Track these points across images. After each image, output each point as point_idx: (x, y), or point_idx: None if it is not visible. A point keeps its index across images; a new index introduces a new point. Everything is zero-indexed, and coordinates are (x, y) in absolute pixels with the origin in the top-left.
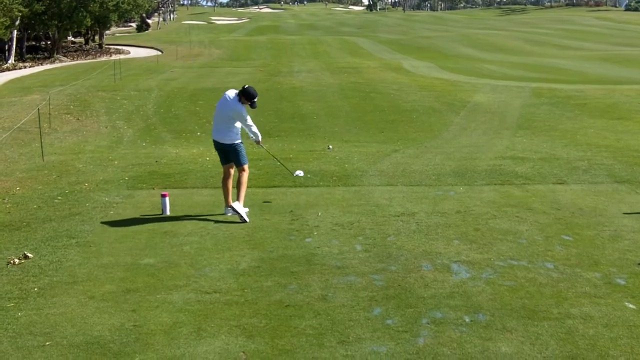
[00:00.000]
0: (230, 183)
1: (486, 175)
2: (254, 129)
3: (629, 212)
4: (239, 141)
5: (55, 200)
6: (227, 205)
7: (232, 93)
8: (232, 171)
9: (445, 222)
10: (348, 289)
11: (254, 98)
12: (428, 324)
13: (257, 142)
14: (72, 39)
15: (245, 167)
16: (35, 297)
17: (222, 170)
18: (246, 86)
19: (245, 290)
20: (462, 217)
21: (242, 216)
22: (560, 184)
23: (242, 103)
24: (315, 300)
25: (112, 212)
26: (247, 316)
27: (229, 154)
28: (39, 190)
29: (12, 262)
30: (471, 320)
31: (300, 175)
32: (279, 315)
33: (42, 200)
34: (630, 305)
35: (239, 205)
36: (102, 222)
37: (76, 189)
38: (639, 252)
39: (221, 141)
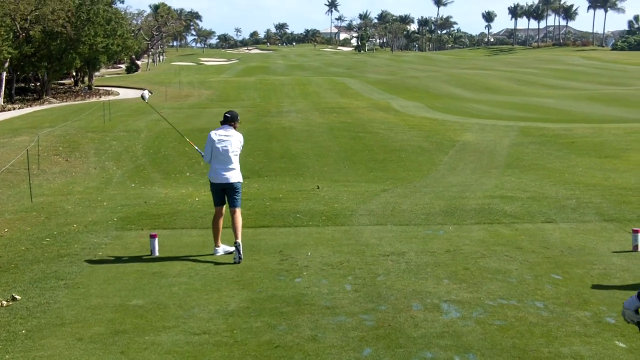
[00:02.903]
0: (221, 223)
1: (475, 214)
2: None
3: (617, 250)
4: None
5: (44, 242)
6: (217, 245)
7: (222, 128)
8: (223, 211)
9: (434, 262)
10: (338, 329)
11: (231, 119)
12: None
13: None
14: (62, 80)
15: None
16: (23, 340)
17: (212, 210)
18: (226, 112)
19: (235, 331)
20: (452, 256)
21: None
22: (549, 222)
23: (236, 128)
24: (305, 340)
25: (100, 253)
26: (237, 357)
27: (233, 194)
28: (27, 231)
29: None
30: None
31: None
32: (269, 356)
33: (30, 241)
34: (621, 344)
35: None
36: (91, 264)
37: (65, 231)
38: (629, 290)
39: (232, 180)
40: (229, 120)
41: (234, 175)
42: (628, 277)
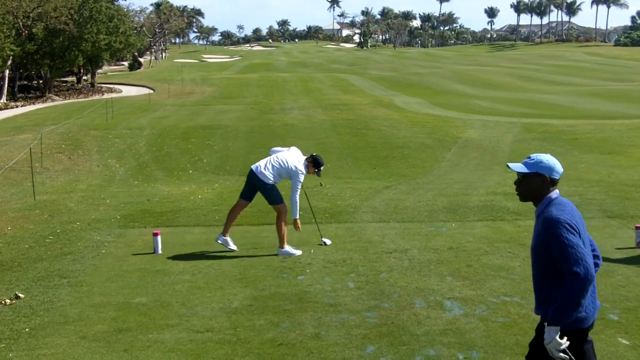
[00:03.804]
0: (237, 214)
1: (478, 211)
2: (297, 202)
3: (620, 247)
4: (270, 184)
5: (47, 240)
6: (224, 234)
7: (298, 153)
8: (243, 205)
9: (437, 259)
10: (341, 326)
11: (321, 165)
12: None
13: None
14: (64, 78)
15: (282, 207)
16: (26, 338)
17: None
18: (315, 154)
19: (238, 329)
20: (455, 253)
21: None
22: None
23: (308, 169)
24: (308, 338)
25: (103, 251)
26: (240, 355)
27: (261, 192)
28: (31, 229)
29: (3, 302)
30: (465, 358)
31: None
32: (272, 354)
33: (33, 239)
34: (624, 341)
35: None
36: (94, 262)
37: (68, 229)
38: (632, 287)
39: (257, 174)
40: (310, 159)
41: (262, 174)
42: (631, 273)
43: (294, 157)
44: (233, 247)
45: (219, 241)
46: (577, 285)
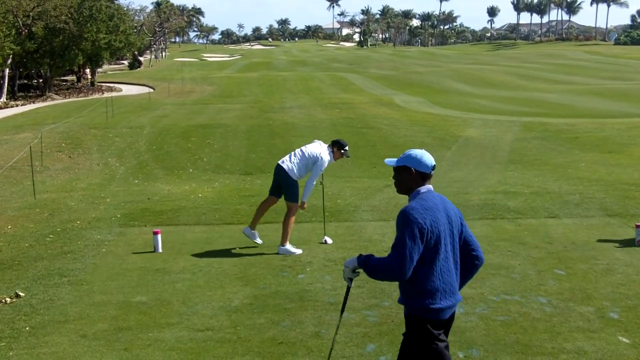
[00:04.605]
0: (265, 209)
1: (478, 210)
2: (312, 187)
3: (621, 245)
4: (294, 178)
5: (47, 239)
6: (251, 227)
7: (321, 143)
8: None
9: None
10: (341, 325)
11: (346, 146)
12: None
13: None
14: (64, 77)
15: (294, 205)
16: (26, 337)
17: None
18: (335, 139)
19: (238, 328)
20: None
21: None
22: (552, 218)
23: (334, 155)
24: (309, 337)
25: (104, 250)
26: (240, 354)
27: (283, 188)
28: (31, 228)
29: (3, 301)
30: (465, 356)
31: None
32: (272, 352)
33: (33, 238)
34: (624, 340)
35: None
36: (94, 260)
37: (68, 227)
38: (632, 285)
39: (288, 172)
40: (335, 144)
41: (288, 167)
42: (631, 272)
43: (317, 147)
44: (259, 240)
45: (245, 232)
46: (386, 270)
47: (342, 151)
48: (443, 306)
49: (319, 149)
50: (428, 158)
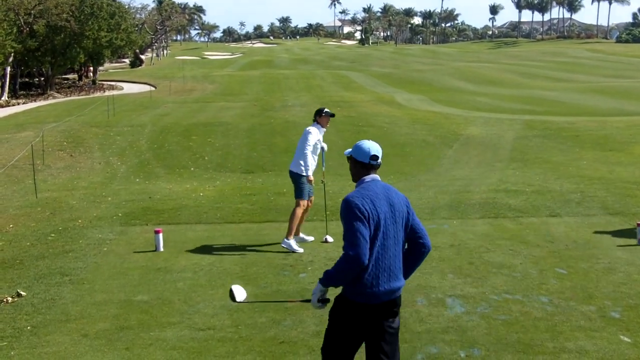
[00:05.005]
0: (302, 214)
1: (480, 209)
2: (306, 157)
3: (622, 244)
4: (299, 172)
5: (49, 238)
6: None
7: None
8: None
9: (439, 256)
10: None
11: (324, 109)
12: (423, 359)
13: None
14: (66, 75)
15: (300, 202)
16: (28, 336)
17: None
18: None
19: (239, 327)
20: (456, 250)
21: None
22: (553, 216)
23: (319, 123)
24: (310, 336)
25: (105, 249)
26: (241, 353)
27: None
28: (32, 227)
29: (5, 300)
30: (466, 356)
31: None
32: (274, 351)
33: (35, 237)
34: (625, 339)
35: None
36: (96, 259)
37: (69, 226)
38: (633, 284)
39: (291, 169)
40: (316, 114)
41: (293, 164)
42: (633, 270)
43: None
44: (309, 238)
45: (297, 240)
46: (344, 263)
47: (323, 114)
48: (376, 291)
49: (305, 129)
50: (368, 148)
